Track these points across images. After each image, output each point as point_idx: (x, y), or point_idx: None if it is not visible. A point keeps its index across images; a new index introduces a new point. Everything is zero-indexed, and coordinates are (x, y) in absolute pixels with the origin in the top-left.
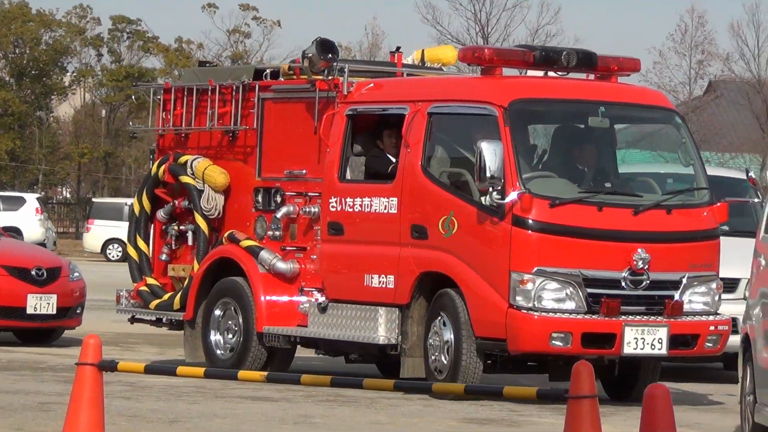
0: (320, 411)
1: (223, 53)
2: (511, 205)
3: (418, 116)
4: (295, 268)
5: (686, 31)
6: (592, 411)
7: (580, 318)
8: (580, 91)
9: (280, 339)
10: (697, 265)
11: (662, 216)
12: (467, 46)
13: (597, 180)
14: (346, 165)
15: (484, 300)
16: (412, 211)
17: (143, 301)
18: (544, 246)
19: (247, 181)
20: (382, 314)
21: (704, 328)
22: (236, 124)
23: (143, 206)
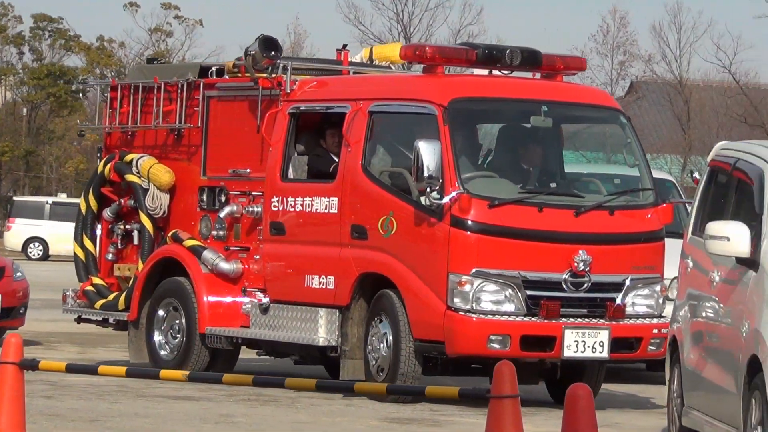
0: (242, 410)
1: (144, 52)
2: (449, 206)
3: (359, 115)
4: (238, 268)
5: (608, 32)
6: (514, 411)
7: (519, 320)
8: (523, 90)
9: (222, 340)
10: (640, 267)
11: (605, 217)
12: (409, 44)
13: (539, 180)
14: (288, 164)
15: (422, 302)
16: (353, 212)
17: (89, 301)
18: (483, 247)
19: (192, 180)
20: (323, 315)
21: (647, 331)
22: (181, 123)
23: (90, 205)
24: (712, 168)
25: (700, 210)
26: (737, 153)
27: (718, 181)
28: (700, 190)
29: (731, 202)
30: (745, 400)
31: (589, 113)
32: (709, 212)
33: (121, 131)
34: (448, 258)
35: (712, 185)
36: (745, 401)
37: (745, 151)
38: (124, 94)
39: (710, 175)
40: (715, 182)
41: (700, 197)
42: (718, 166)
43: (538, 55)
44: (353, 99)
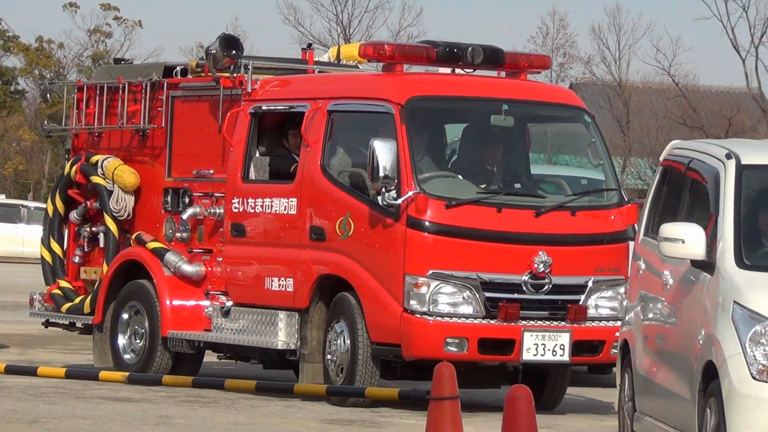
0: (181, 411)
1: (84, 53)
2: (405, 206)
3: (318, 114)
4: (201, 270)
5: (548, 34)
6: (453, 412)
7: (476, 323)
8: (483, 88)
9: (184, 344)
10: (603, 269)
11: (566, 218)
12: (368, 42)
13: (499, 180)
14: (249, 165)
15: (379, 304)
16: (311, 213)
17: (56, 304)
18: (440, 248)
19: (157, 181)
20: (282, 318)
21: (610, 333)
22: (145, 123)
23: (57, 207)
24: (664, 168)
25: (652, 211)
26: (691, 153)
27: (671, 181)
28: (652, 190)
29: (685, 203)
30: (700, 407)
31: (552, 112)
32: (661, 213)
33: (88, 132)
34: (404, 259)
35: (665, 185)
36: (699, 408)
37: (700, 150)
38: (90, 94)
39: (663, 175)
40: (668, 182)
41: (652, 198)
42: (671, 166)
43: (501, 53)
44: (313, 98)
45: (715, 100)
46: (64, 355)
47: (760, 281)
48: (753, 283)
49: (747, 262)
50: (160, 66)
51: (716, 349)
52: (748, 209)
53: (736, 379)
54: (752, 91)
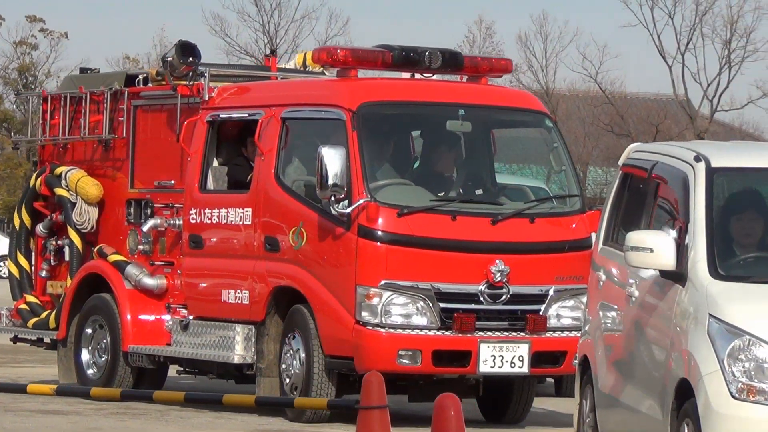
0: (110, 424)
1: (9, 65)
2: (356, 215)
3: (272, 122)
4: (162, 283)
5: (474, 42)
6: (382, 421)
7: (430, 335)
8: (439, 93)
9: (144, 358)
10: (564, 278)
11: (525, 225)
12: (321, 47)
13: (455, 188)
14: (207, 175)
15: (332, 316)
16: (265, 223)
17: (23, 319)
18: (392, 258)
19: (120, 192)
20: (239, 332)
21: (572, 344)
22: (107, 134)
23: (23, 220)
24: (624, 173)
25: (612, 218)
26: (654, 156)
27: (632, 186)
28: (611, 196)
29: (650, 210)
30: (673, 428)
31: (512, 116)
32: (623, 221)
33: (53, 143)
34: (355, 270)
35: (626, 191)
36: (672, 429)
37: (664, 153)
38: (55, 105)
39: (623, 181)
40: (628, 188)
41: (611, 204)
42: (632, 171)
43: (459, 57)
44: (267, 105)
45: (642, 107)
46: (15, 369)
47: (737, 292)
48: (729, 294)
49: (721, 272)
50: (122, 75)
51: (691, 366)
52: (721, 215)
53: (714, 398)
54: (679, 97)
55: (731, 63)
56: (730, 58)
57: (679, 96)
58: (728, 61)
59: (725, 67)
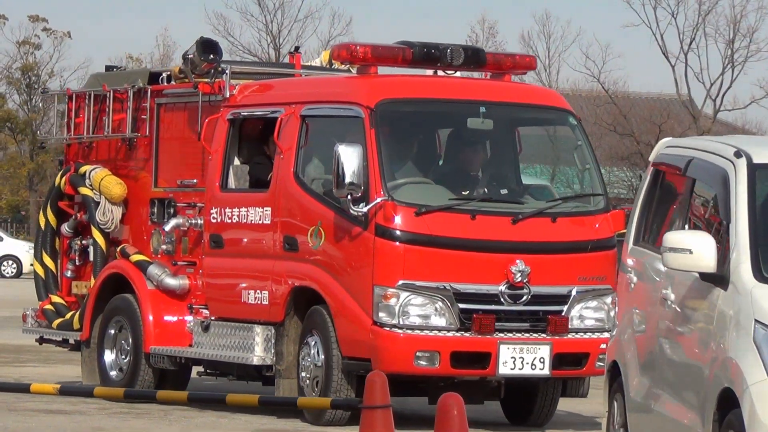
0: (114, 423)
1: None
2: (373, 214)
3: (292, 119)
4: (184, 284)
5: (477, 42)
6: (385, 420)
7: (449, 336)
8: (459, 90)
9: (165, 360)
10: (587, 278)
11: (546, 225)
12: (341, 44)
13: (476, 186)
14: (228, 173)
15: (349, 317)
16: (285, 222)
17: (48, 320)
18: (410, 258)
19: (144, 191)
20: (259, 333)
21: (594, 346)
22: (131, 132)
23: (48, 220)
24: (656, 169)
25: (643, 217)
26: (689, 151)
27: (665, 184)
28: (641, 195)
29: (686, 209)
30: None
31: (535, 114)
32: (655, 220)
33: (78, 142)
34: (372, 270)
35: (658, 189)
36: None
37: (701, 148)
38: (80, 103)
39: (654, 178)
40: (661, 186)
41: (642, 203)
42: (665, 168)
43: (482, 53)
44: (287, 103)
45: (645, 107)
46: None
47: None
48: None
49: (767, 275)
50: (145, 72)
51: (735, 374)
52: (764, 214)
53: (761, 409)
54: (682, 97)
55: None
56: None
57: (682, 96)
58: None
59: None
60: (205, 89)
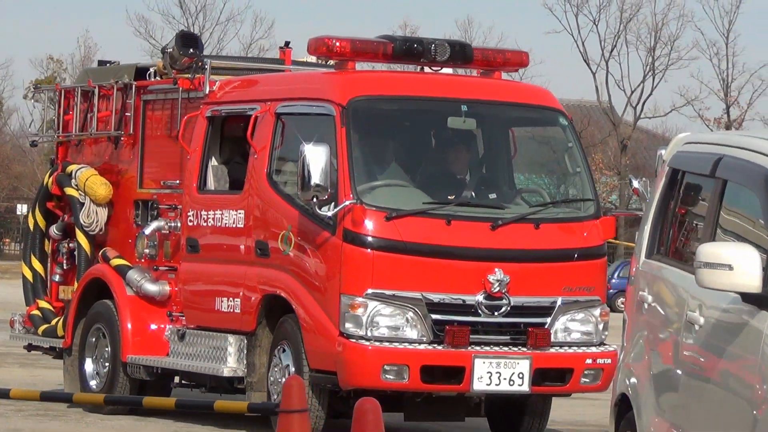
0: (30, 425)
1: None
2: (342, 218)
3: (267, 117)
4: (165, 290)
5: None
6: (302, 425)
7: (419, 348)
8: (440, 87)
9: (141, 370)
10: (573, 289)
11: (528, 231)
12: (318, 37)
13: (455, 190)
14: (206, 174)
15: (317, 327)
16: (257, 226)
17: (34, 326)
18: (379, 265)
19: (129, 193)
20: (232, 343)
21: (579, 361)
22: (115, 130)
23: (37, 222)
24: (673, 170)
25: (657, 226)
26: (716, 148)
27: (686, 187)
28: (654, 199)
29: (714, 216)
30: None
31: (522, 114)
32: (673, 230)
33: (67, 140)
34: (340, 278)
35: (677, 193)
36: None
37: (731, 144)
38: (69, 100)
39: (671, 180)
40: (681, 189)
41: (656, 209)
42: (686, 168)
43: (468, 48)
44: (263, 100)
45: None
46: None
47: None
48: None
49: None
50: (132, 67)
51: None
52: None
53: None
54: (603, 104)
55: (655, 70)
56: (654, 66)
57: (602, 102)
58: (652, 69)
59: (649, 74)
60: (185, 85)
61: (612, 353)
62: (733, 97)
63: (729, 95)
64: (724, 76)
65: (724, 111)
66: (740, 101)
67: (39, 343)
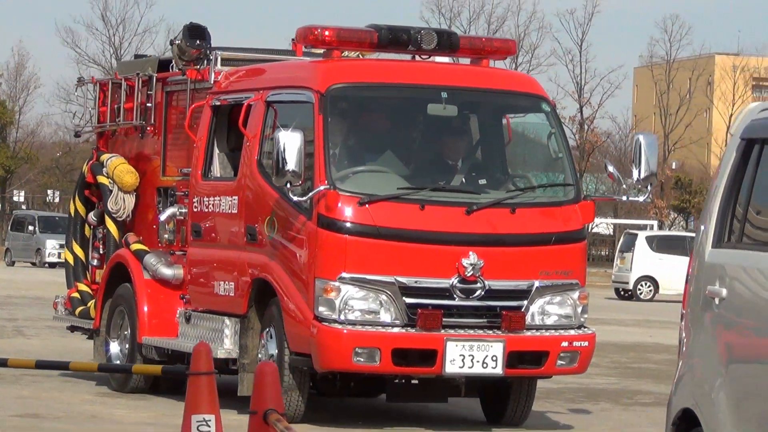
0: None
1: None
2: (316, 203)
3: (258, 105)
4: (179, 273)
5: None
6: (209, 386)
7: (392, 332)
8: (421, 75)
9: (153, 351)
10: (550, 273)
11: (504, 216)
12: (305, 26)
13: (433, 176)
14: (210, 162)
15: (295, 311)
16: (248, 212)
17: (73, 308)
18: (353, 250)
19: (153, 180)
20: (228, 325)
21: (554, 343)
22: (138, 120)
23: (77, 209)
24: (748, 142)
25: (729, 208)
26: None
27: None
28: (724, 177)
29: None
30: None
31: (504, 100)
32: (753, 212)
33: (103, 131)
34: (315, 262)
35: (755, 170)
36: None
37: None
38: (104, 92)
39: (744, 155)
40: (758, 164)
41: (726, 189)
42: (764, 134)
43: (454, 36)
44: (257, 89)
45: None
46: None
47: None
48: None
49: None
50: (155, 60)
51: None
52: None
53: None
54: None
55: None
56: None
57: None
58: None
59: None
60: (192, 75)
61: (590, 336)
62: (585, 98)
63: (582, 96)
64: (578, 80)
65: (578, 110)
66: (592, 102)
67: (79, 324)
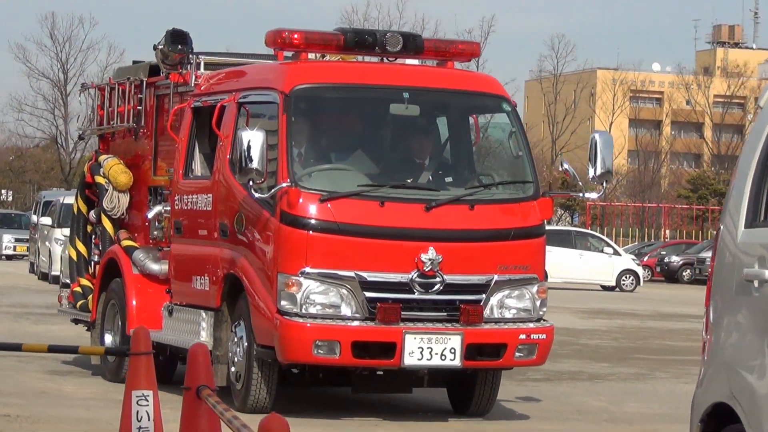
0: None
1: None
2: (279, 200)
3: (231, 107)
4: (165, 269)
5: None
6: (148, 366)
7: (351, 325)
8: (383, 76)
9: None
10: (509, 267)
11: (463, 212)
12: (274, 30)
13: (393, 174)
14: (191, 162)
15: (261, 305)
16: (220, 209)
17: (75, 301)
18: (314, 245)
19: (146, 180)
20: (204, 318)
21: (512, 336)
22: (130, 123)
23: (80, 207)
24: None
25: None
26: None
27: None
28: (756, 155)
29: None
30: None
31: (466, 100)
32: None
33: (98, 132)
34: (278, 257)
35: None
36: None
37: None
38: (102, 96)
39: None
40: None
41: (759, 167)
42: None
43: (419, 39)
44: (230, 90)
45: None
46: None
47: None
48: None
49: None
50: (147, 66)
51: None
52: None
53: None
54: None
55: None
56: None
57: None
58: None
59: None
60: (174, 79)
61: (548, 329)
62: None
63: None
64: None
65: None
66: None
67: (81, 317)
